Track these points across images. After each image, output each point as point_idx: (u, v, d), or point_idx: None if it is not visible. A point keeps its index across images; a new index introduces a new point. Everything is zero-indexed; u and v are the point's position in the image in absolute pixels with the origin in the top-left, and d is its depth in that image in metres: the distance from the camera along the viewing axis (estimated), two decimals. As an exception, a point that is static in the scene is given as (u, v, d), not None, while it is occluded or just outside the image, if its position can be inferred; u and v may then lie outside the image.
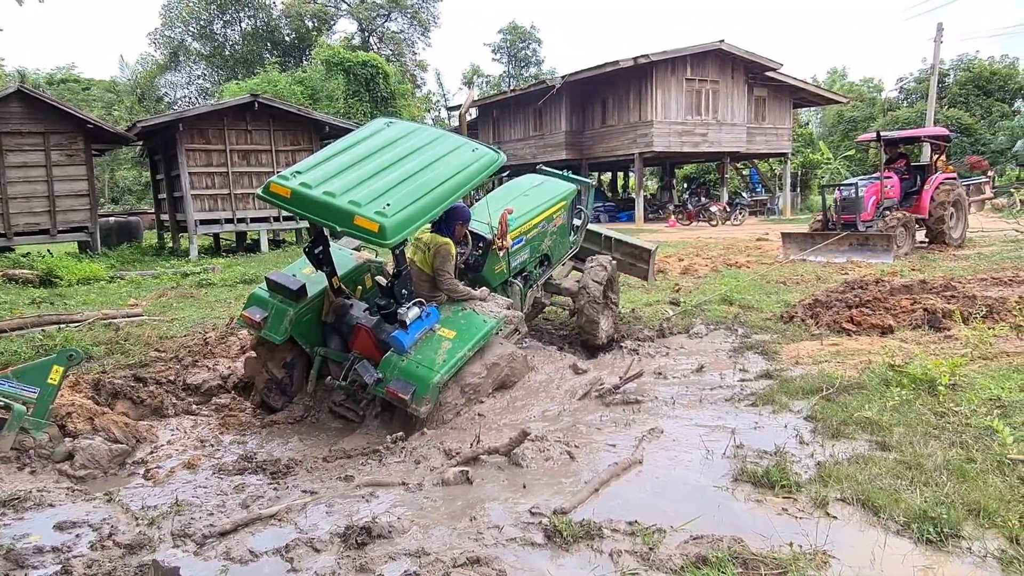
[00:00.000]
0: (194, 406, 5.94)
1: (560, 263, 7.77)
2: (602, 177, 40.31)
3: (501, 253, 6.43)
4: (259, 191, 4.90)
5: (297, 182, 4.70)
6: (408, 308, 4.90)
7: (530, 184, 7.66)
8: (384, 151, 5.11)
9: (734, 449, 4.43)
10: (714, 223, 25.64)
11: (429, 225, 5.66)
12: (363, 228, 4.42)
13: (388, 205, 4.52)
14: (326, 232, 5.33)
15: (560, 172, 8.10)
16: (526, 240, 6.87)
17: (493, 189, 7.96)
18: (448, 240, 5.58)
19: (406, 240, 4.75)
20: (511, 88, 41.88)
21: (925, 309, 7.53)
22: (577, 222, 7.91)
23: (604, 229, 8.90)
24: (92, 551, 3.45)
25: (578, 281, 7.36)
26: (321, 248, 5.33)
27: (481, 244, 6.33)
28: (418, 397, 4.70)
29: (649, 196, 33.64)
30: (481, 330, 5.14)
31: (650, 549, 3.26)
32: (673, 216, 27.29)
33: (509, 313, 5.55)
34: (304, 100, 26.31)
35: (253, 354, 5.87)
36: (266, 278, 5.61)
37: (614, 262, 7.69)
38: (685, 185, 35.79)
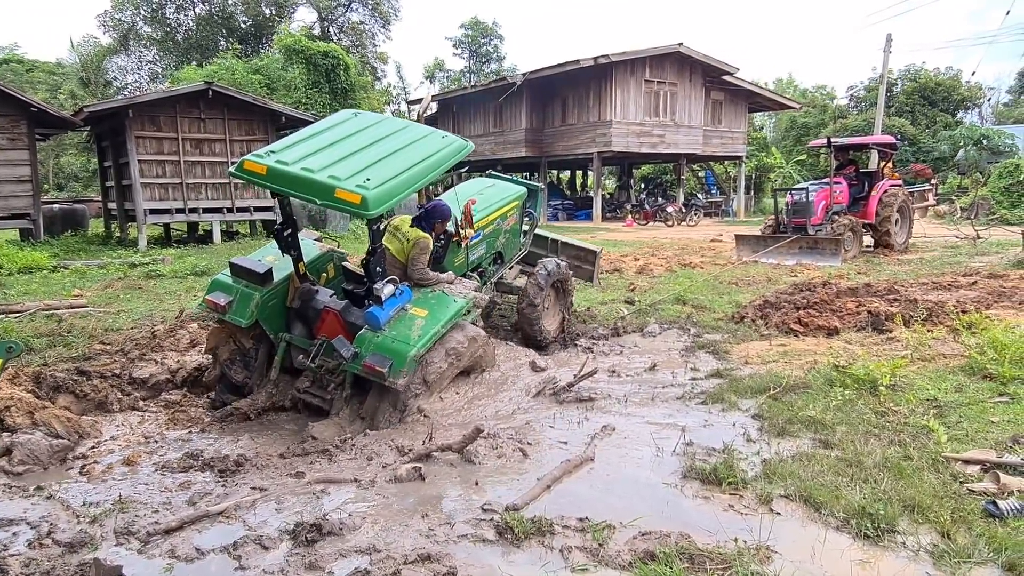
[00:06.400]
0: (140, 402, 5.79)
1: (510, 264, 7.92)
2: (561, 175, 40.56)
3: (462, 245, 6.55)
4: (232, 169, 4.87)
5: (273, 159, 4.70)
6: (383, 285, 4.97)
7: (483, 185, 7.85)
8: (355, 136, 5.16)
9: (684, 446, 4.52)
10: (670, 223, 26.03)
11: (409, 218, 5.88)
12: (345, 200, 4.43)
13: (368, 180, 4.57)
14: (294, 216, 5.34)
15: (509, 177, 8.28)
16: (483, 235, 7.03)
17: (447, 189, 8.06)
18: (428, 235, 5.73)
19: (382, 216, 4.79)
20: (472, 83, 41.77)
21: (869, 312, 7.79)
22: (526, 226, 8.07)
23: (550, 233, 9.09)
24: (30, 549, 3.35)
25: (529, 275, 7.47)
26: (290, 231, 5.33)
27: (443, 237, 6.41)
28: (395, 370, 4.75)
29: (607, 195, 33.96)
30: (452, 309, 5.26)
31: (600, 545, 3.32)
32: (630, 216, 27.60)
33: (477, 295, 5.69)
34: (261, 89, 25.78)
35: (218, 325, 5.77)
36: (230, 263, 5.55)
37: (565, 265, 7.79)
38: (642, 185, 36.23)
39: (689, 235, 21.48)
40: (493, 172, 8.48)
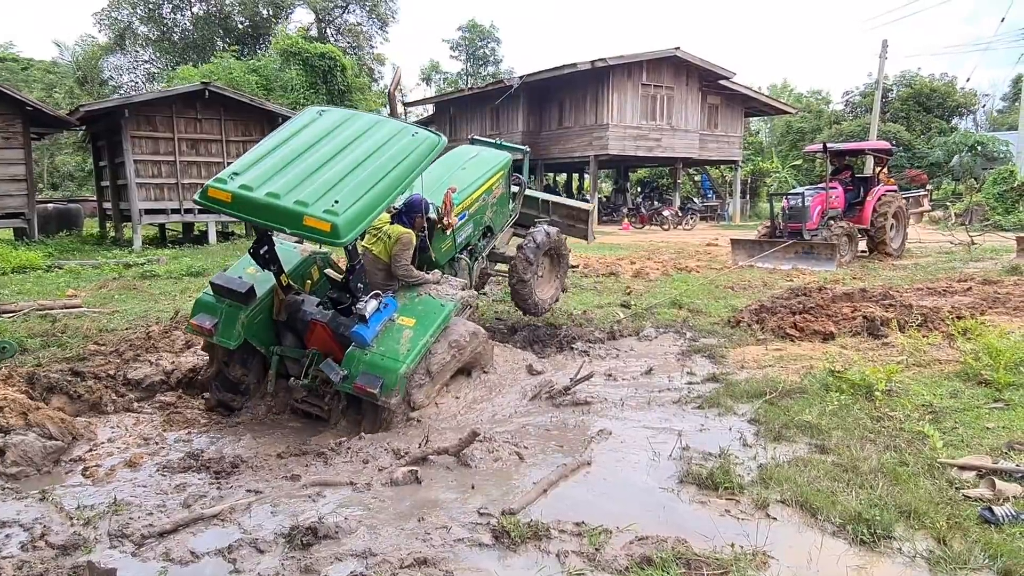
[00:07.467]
0: (135, 403, 5.76)
1: (501, 231, 7.88)
2: (557, 178, 40.57)
3: (448, 232, 6.47)
4: (197, 196, 4.64)
5: (236, 184, 4.44)
6: (366, 302, 4.85)
7: (467, 156, 7.65)
8: (322, 143, 4.92)
9: (680, 451, 4.52)
10: (666, 227, 26.08)
11: (388, 217, 5.70)
12: (314, 228, 4.25)
13: (336, 202, 4.36)
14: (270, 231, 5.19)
15: (493, 141, 8.14)
16: (469, 215, 6.95)
17: None
18: (410, 231, 5.63)
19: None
20: (468, 86, 41.79)
21: (865, 317, 7.80)
22: (515, 189, 8.02)
23: (541, 193, 9.00)
24: (23, 552, 3.32)
25: (518, 248, 7.43)
26: (267, 248, 5.14)
27: (426, 224, 6.29)
28: (386, 389, 4.70)
29: (604, 198, 33.98)
30: (440, 315, 5.16)
31: (596, 550, 3.31)
32: (627, 219, 27.65)
33: (464, 294, 5.61)
34: (258, 90, 25.77)
35: None
36: (211, 283, 5.36)
37: (559, 231, 7.77)
38: (639, 189, 36.26)
39: (685, 239, 21.52)
40: (476, 138, 8.35)
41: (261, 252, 5.12)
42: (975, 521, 3.52)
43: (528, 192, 8.40)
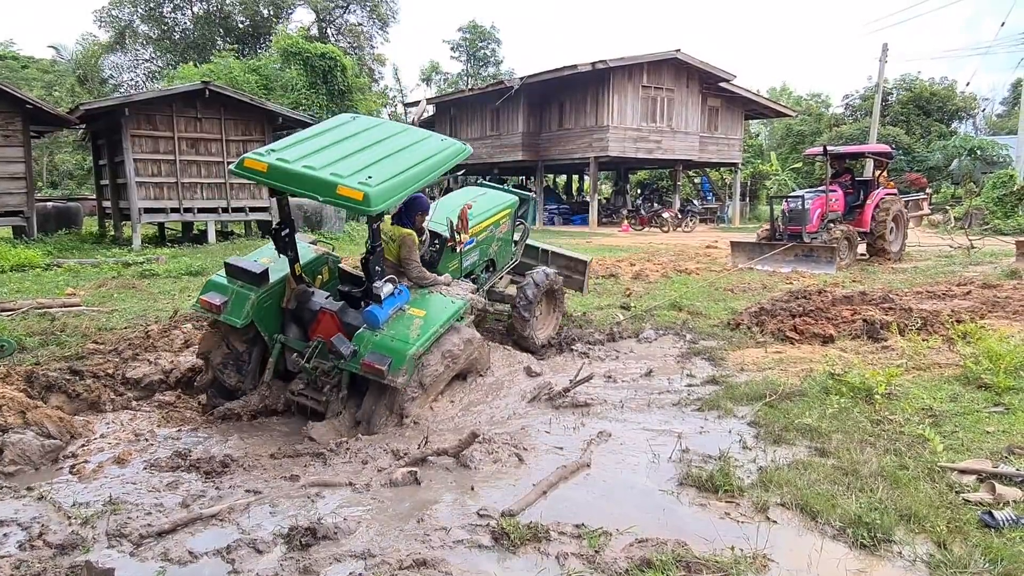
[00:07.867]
0: (134, 402, 5.75)
1: (502, 273, 7.96)
2: (557, 180, 40.61)
3: (457, 249, 6.59)
4: (232, 166, 4.89)
5: (274, 157, 4.73)
6: (382, 284, 4.97)
7: (476, 193, 7.92)
8: (355, 138, 5.20)
9: (680, 453, 4.51)
10: (666, 229, 26.10)
11: (389, 217, 5.81)
12: (347, 197, 4.45)
13: (370, 177, 4.59)
14: (293, 217, 5.34)
15: (501, 186, 8.42)
16: (476, 242, 7.08)
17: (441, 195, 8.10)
18: (411, 231, 5.70)
19: (382, 215, 4.80)
20: (469, 87, 41.79)
21: (864, 320, 7.80)
22: (517, 235, 8.14)
23: (540, 243, 9.17)
24: (21, 551, 3.31)
25: (512, 307, 7.49)
26: (288, 231, 5.32)
27: (437, 242, 6.45)
28: (395, 368, 4.75)
29: (604, 200, 34.01)
30: (450, 310, 5.28)
31: (596, 552, 3.30)
32: (626, 221, 27.67)
33: (474, 297, 5.72)
34: (259, 90, 25.77)
35: (211, 329, 5.74)
36: (225, 263, 5.51)
37: (557, 274, 7.84)
38: (639, 190, 36.29)
39: (685, 241, 21.52)
40: (483, 181, 8.58)
41: (283, 234, 5.30)
42: (975, 525, 3.51)
43: (529, 242, 8.56)
